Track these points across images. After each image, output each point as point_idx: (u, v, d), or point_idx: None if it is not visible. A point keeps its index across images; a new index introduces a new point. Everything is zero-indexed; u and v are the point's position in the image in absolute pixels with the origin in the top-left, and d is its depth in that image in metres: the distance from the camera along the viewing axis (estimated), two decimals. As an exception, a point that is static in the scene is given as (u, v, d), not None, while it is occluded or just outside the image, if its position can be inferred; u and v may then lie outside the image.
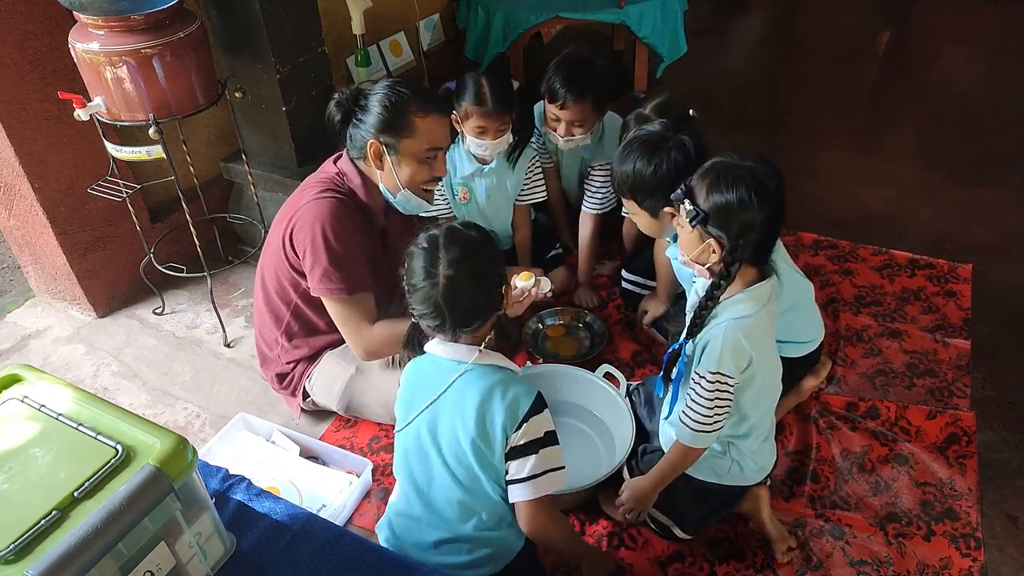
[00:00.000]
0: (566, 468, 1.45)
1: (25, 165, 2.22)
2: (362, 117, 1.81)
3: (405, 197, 1.88)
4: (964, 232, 2.83)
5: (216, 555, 1.35)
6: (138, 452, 1.21)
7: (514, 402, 1.38)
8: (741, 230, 1.42)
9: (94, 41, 1.94)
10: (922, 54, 4.36)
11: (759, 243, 1.46)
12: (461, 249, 1.37)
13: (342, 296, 1.82)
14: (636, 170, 1.79)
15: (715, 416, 1.53)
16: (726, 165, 1.46)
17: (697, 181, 1.48)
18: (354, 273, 1.82)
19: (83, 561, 1.08)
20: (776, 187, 1.44)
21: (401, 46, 3.63)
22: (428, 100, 1.82)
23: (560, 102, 2.30)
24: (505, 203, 2.51)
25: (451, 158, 2.39)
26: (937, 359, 2.28)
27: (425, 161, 1.84)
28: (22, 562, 1.06)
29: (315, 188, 1.86)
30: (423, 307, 1.39)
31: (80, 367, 2.40)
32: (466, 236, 1.41)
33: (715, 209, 1.43)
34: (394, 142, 1.80)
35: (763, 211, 1.41)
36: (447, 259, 1.36)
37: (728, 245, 1.44)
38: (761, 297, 1.50)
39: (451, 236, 1.40)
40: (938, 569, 1.74)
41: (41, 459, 1.20)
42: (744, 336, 1.48)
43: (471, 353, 1.41)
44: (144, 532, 1.17)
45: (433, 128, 1.82)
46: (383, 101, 1.78)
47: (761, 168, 1.44)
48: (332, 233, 1.79)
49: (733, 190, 1.42)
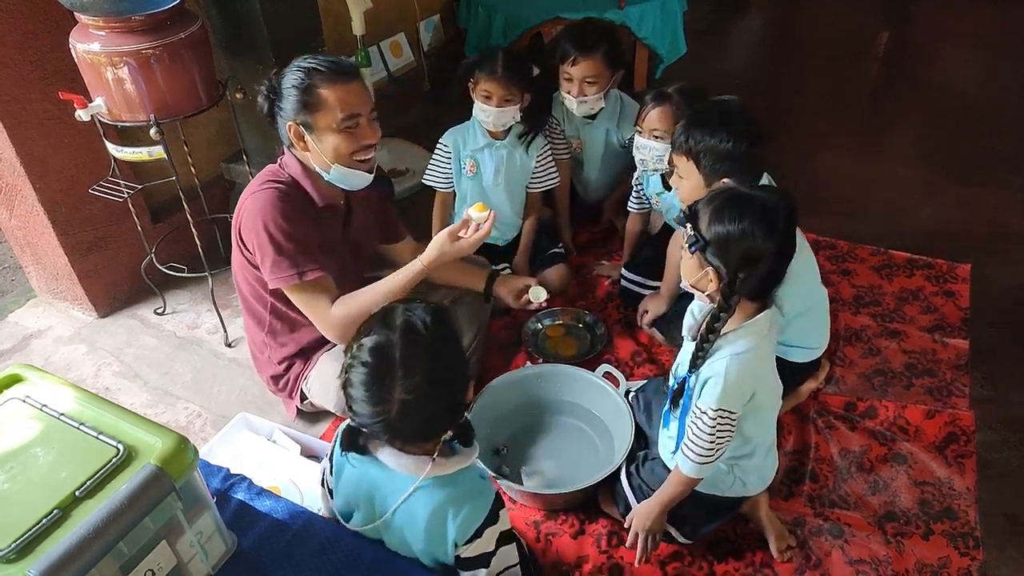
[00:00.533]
0: (566, 470, 1.44)
1: (26, 165, 2.23)
2: (280, 104, 1.77)
3: (339, 172, 1.82)
4: (963, 232, 2.84)
5: (217, 554, 1.36)
6: (139, 452, 1.22)
7: (466, 521, 1.29)
8: (742, 263, 1.37)
9: (95, 42, 1.94)
10: (922, 54, 4.36)
11: (762, 278, 1.41)
12: (421, 369, 1.18)
13: (295, 282, 1.78)
14: (713, 137, 1.76)
15: (717, 448, 1.52)
16: (735, 193, 1.41)
17: (703, 206, 1.42)
18: (302, 257, 1.77)
19: (84, 560, 1.09)
20: (786, 221, 1.37)
21: (401, 46, 3.64)
22: (333, 70, 1.75)
23: (571, 58, 2.37)
24: (514, 185, 2.51)
25: (463, 131, 2.44)
26: (936, 359, 2.29)
27: (345, 131, 1.77)
28: (23, 561, 1.07)
29: (255, 184, 1.84)
30: (370, 425, 1.23)
31: (81, 367, 2.41)
32: (428, 343, 1.20)
33: (716, 238, 1.38)
34: (309, 120, 1.75)
35: (768, 246, 1.36)
36: (404, 384, 1.17)
37: (727, 278, 1.39)
38: (760, 330, 1.47)
39: (409, 347, 1.18)
40: (936, 568, 1.75)
41: (42, 458, 1.21)
42: (747, 372, 1.46)
43: (421, 466, 1.26)
44: (145, 531, 1.18)
45: (344, 96, 1.75)
46: (291, 83, 1.74)
47: (772, 200, 1.39)
48: (272, 223, 1.75)
49: (737, 221, 1.36)
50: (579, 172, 2.77)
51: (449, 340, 1.26)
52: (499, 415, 2.05)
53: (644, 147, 2.20)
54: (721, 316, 1.42)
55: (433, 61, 3.77)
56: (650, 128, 2.17)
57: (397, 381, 1.18)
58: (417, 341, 1.20)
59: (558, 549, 1.81)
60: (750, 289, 1.41)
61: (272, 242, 1.76)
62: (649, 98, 2.18)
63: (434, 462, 1.26)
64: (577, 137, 2.66)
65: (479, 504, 1.31)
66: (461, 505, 1.29)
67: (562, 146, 2.64)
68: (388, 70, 3.57)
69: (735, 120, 1.78)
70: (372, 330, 1.22)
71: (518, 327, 2.42)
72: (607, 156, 2.68)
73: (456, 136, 2.45)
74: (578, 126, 2.63)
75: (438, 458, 1.27)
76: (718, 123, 1.77)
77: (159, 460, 1.19)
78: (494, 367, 2.28)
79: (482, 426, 1.96)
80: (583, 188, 2.85)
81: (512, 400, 2.09)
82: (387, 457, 1.29)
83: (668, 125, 2.12)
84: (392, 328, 1.21)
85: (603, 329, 2.40)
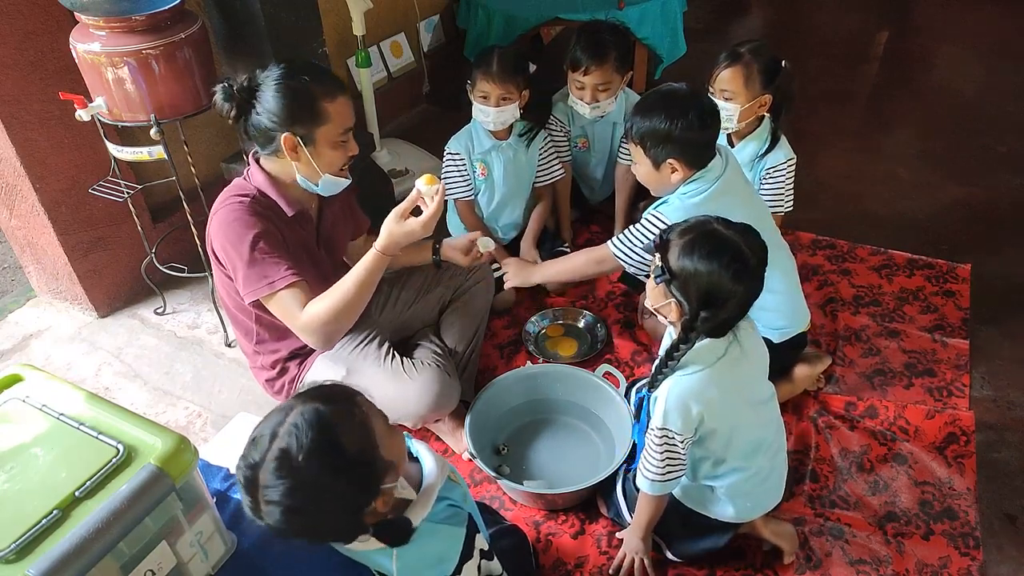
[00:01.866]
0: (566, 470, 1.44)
1: (26, 165, 2.23)
2: (262, 111, 1.71)
3: (328, 182, 1.80)
4: (963, 232, 2.84)
5: (217, 554, 1.36)
6: (139, 452, 1.22)
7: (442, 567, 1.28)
8: (705, 303, 1.37)
9: (95, 42, 1.94)
10: (921, 54, 4.36)
11: (724, 319, 1.42)
12: (287, 491, 1.08)
13: (268, 292, 1.74)
14: (652, 120, 1.80)
15: (668, 468, 1.53)
16: (708, 231, 1.39)
17: (675, 237, 1.41)
18: (272, 267, 1.72)
19: (84, 560, 1.09)
20: (757, 265, 1.38)
21: (402, 47, 3.64)
22: (330, 83, 1.74)
23: (583, 68, 2.39)
24: (521, 183, 2.53)
25: (468, 134, 2.45)
26: (936, 359, 2.29)
27: (340, 145, 1.77)
28: (23, 561, 1.07)
29: (221, 199, 1.80)
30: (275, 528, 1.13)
31: (81, 367, 2.41)
32: (296, 470, 1.08)
33: (683, 274, 1.37)
34: (309, 132, 1.71)
35: (735, 289, 1.36)
36: (268, 509, 1.09)
37: (688, 314, 1.39)
38: (707, 358, 1.46)
39: (275, 472, 1.08)
40: (937, 568, 1.75)
41: (42, 459, 1.21)
42: (689, 394, 1.46)
43: (385, 552, 1.21)
44: (145, 531, 1.18)
45: (343, 110, 1.74)
46: (286, 92, 1.68)
47: (746, 242, 1.38)
48: (238, 236, 1.72)
49: (706, 260, 1.35)
50: (584, 172, 2.78)
51: (334, 463, 1.11)
52: (499, 415, 2.05)
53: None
54: (680, 347, 1.43)
55: (433, 61, 3.77)
56: (720, 88, 2.17)
57: (261, 504, 1.10)
58: (285, 464, 1.09)
59: (558, 549, 1.81)
60: (710, 328, 1.42)
61: (240, 256, 1.72)
62: (722, 57, 2.18)
63: (397, 549, 1.20)
64: (584, 136, 2.67)
65: (449, 550, 1.28)
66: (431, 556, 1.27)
67: (564, 147, 2.65)
68: (388, 70, 3.58)
69: (676, 103, 1.80)
70: (254, 440, 1.15)
71: (518, 327, 2.42)
72: (615, 152, 2.69)
73: (462, 141, 2.45)
74: (584, 126, 2.64)
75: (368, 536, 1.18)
76: (659, 107, 1.81)
77: (159, 460, 1.19)
78: (494, 367, 2.29)
79: (482, 426, 1.97)
80: (589, 189, 2.85)
81: (512, 400, 2.09)
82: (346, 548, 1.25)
83: (739, 85, 2.14)
84: (267, 445, 1.12)
85: (603, 329, 2.40)
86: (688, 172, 1.84)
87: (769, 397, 1.64)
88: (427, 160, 3.11)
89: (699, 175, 1.84)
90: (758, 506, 1.67)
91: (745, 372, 1.54)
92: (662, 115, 1.79)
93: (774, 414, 1.67)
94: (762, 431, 1.62)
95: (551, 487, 1.89)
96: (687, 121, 1.78)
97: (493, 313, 2.38)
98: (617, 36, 2.44)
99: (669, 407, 1.47)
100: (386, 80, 3.56)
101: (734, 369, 1.50)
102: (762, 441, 1.62)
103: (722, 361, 1.47)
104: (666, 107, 1.80)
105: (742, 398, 1.55)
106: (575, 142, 2.67)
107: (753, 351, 1.55)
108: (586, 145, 2.68)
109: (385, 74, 3.56)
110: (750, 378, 1.58)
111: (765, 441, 1.63)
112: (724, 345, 1.48)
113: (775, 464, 1.67)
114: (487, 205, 2.53)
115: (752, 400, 1.59)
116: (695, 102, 1.82)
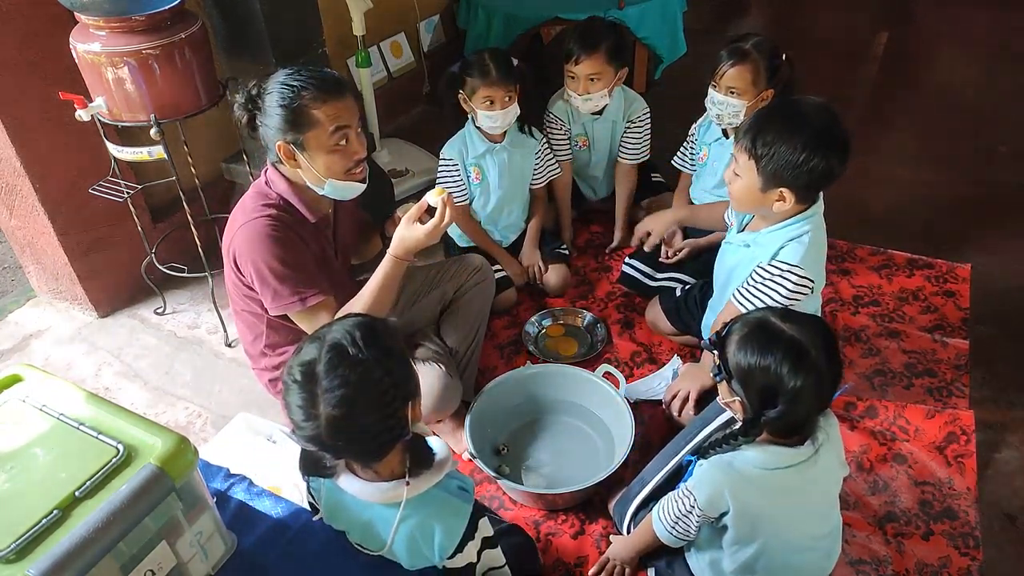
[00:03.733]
0: (566, 470, 1.44)
1: (26, 165, 2.23)
2: (263, 120, 1.71)
3: (334, 186, 1.78)
4: (963, 232, 2.84)
5: (217, 554, 1.36)
6: (139, 452, 1.22)
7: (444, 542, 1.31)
8: (766, 400, 1.27)
9: (95, 42, 1.94)
10: (921, 54, 4.36)
11: (790, 415, 1.28)
12: (344, 382, 1.17)
13: (297, 308, 1.77)
14: (787, 141, 1.61)
15: (677, 527, 1.47)
16: (762, 324, 1.30)
17: (736, 330, 1.33)
18: (302, 284, 1.75)
19: (84, 560, 1.09)
20: (824, 356, 1.25)
21: (401, 47, 3.64)
22: (322, 87, 1.69)
23: (575, 57, 2.41)
24: (518, 184, 2.54)
25: (462, 140, 2.45)
26: (936, 359, 2.29)
27: (337, 148, 1.73)
28: (23, 561, 1.07)
29: (247, 206, 1.79)
30: (310, 445, 1.23)
31: (81, 367, 2.41)
32: (352, 359, 1.19)
33: (739, 370, 1.29)
34: (300, 139, 1.69)
35: (794, 384, 1.24)
36: (327, 398, 1.17)
37: (750, 413, 1.30)
38: (768, 460, 1.34)
39: (332, 363, 1.18)
40: (937, 568, 1.75)
41: (42, 459, 1.21)
42: (726, 481, 1.36)
43: (397, 491, 1.26)
44: (145, 531, 1.18)
45: (333, 113, 1.69)
46: (279, 101, 1.67)
47: (804, 333, 1.27)
48: (268, 255, 1.72)
49: (760, 356, 1.26)
50: (584, 171, 2.78)
51: (381, 354, 1.21)
52: (499, 415, 2.05)
53: (721, 103, 2.19)
54: (740, 438, 1.33)
55: (433, 61, 3.77)
56: (727, 85, 2.16)
57: (320, 396, 1.17)
58: (342, 354, 1.19)
59: (558, 549, 1.81)
60: (778, 427, 1.31)
61: (272, 272, 1.73)
62: (726, 55, 2.16)
63: (408, 485, 1.26)
64: (584, 135, 2.67)
65: (454, 524, 1.31)
66: (436, 527, 1.30)
67: (564, 146, 2.65)
68: (388, 70, 3.58)
69: (823, 132, 1.62)
70: (302, 349, 1.23)
71: (518, 327, 2.42)
72: (615, 150, 2.69)
73: (456, 147, 2.45)
74: (584, 124, 2.64)
75: (412, 480, 1.26)
76: (800, 130, 1.62)
77: (159, 460, 1.19)
78: (494, 367, 2.29)
79: (482, 426, 1.97)
80: (589, 188, 2.85)
81: (512, 400, 2.08)
82: (354, 486, 1.30)
83: (747, 82, 2.14)
84: (320, 344, 1.21)
85: (603, 329, 2.40)
86: (797, 208, 1.71)
87: (826, 535, 1.47)
88: (427, 160, 3.11)
89: (807, 213, 1.71)
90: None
91: (809, 497, 1.41)
92: (802, 140, 1.60)
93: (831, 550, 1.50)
94: (801, 558, 1.45)
95: (551, 487, 1.89)
96: (830, 156, 1.61)
97: (493, 313, 2.38)
98: (610, 30, 2.46)
99: (701, 478, 1.40)
100: (386, 80, 3.56)
101: (796, 484, 1.37)
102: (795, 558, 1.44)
103: (783, 472, 1.35)
104: (810, 133, 1.61)
105: (789, 518, 1.41)
106: (575, 141, 2.67)
107: (827, 475, 1.42)
108: (586, 144, 2.68)
109: (385, 74, 3.56)
110: (812, 503, 1.43)
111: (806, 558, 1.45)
112: (792, 458, 1.34)
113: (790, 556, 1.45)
114: (484, 208, 2.53)
115: (803, 529, 1.44)
116: (839, 133, 1.64)
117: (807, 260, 1.73)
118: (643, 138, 2.65)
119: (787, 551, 1.43)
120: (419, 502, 1.29)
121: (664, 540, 1.54)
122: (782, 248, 1.75)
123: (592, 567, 1.73)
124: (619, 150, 2.67)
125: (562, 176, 2.64)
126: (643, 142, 2.65)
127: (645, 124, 2.64)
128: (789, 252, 1.74)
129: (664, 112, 2.86)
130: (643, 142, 2.65)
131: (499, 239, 2.61)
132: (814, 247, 1.75)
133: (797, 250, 1.73)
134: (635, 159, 2.66)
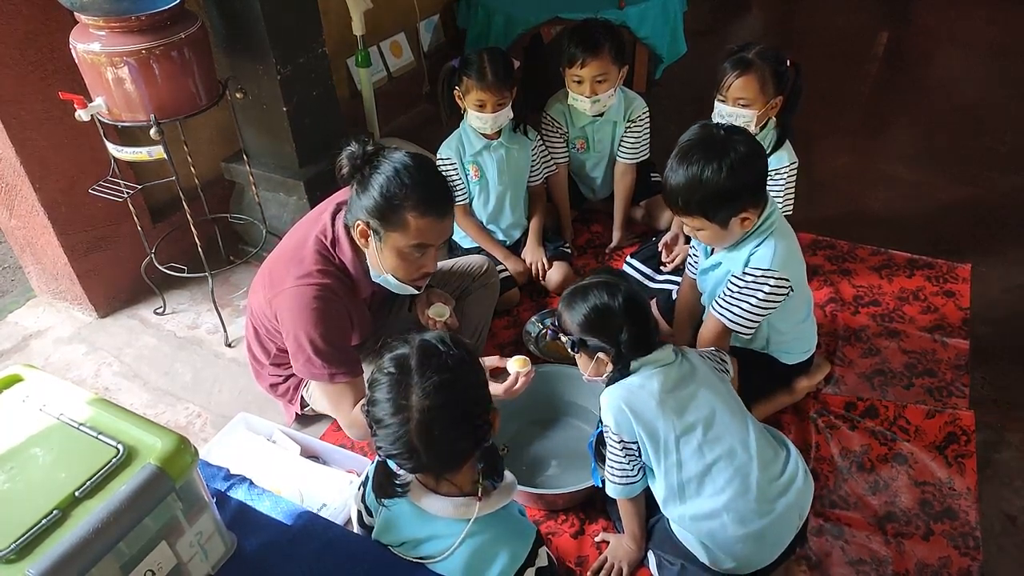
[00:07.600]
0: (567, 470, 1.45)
1: (26, 165, 2.23)
2: (360, 189, 1.68)
3: (389, 283, 1.79)
4: (963, 232, 2.84)
5: (217, 555, 1.36)
6: (139, 452, 1.21)
7: (508, 566, 1.29)
8: (612, 332, 1.51)
9: (95, 42, 1.94)
10: (921, 54, 4.37)
11: (636, 335, 1.52)
12: (438, 372, 1.18)
13: (325, 382, 1.78)
14: (705, 178, 1.65)
15: (624, 469, 1.58)
16: (571, 292, 1.58)
17: (561, 313, 1.59)
18: (336, 362, 1.75)
19: (84, 560, 1.09)
20: (620, 284, 1.55)
21: (401, 47, 3.64)
22: (429, 200, 1.66)
23: (580, 61, 2.40)
24: (517, 181, 2.54)
25: (458, 138, 2.46)
26: (936, 359, 2.29)
27: (409, 257, 1.72)
28: (23, 562, 1.07)
29: (304, 260, 1.76)
30: (393, 447, 1.22)
31: (81, 367, 2.41)
32: (444, 354, 1.20)
33: (582, 326, 1.53)
34: (381, 230, 1.68)
35: (617, 304, 1.51)
36: (422, 388, 1.17)
37: (613, 349, 1.52)
38: (643, 371, 1.55)
39: (425, 356, 1.19)
40: (937, 568, 1.75)
41: (42, 459, 1.20)
42: (621, 396, 1.53)
43: (463, 509, 1.27)
44: (145, 531, 1.18)
45: (425, 229, 1.68)
46: (384, 186, 1.64)
47: (602, 279, 1.57)
48: (312, 328, 1.72)
49: (585, 302, 1.53)
50: (583, 172, 2.78)
51: (468, 361, 1.26)
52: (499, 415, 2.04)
53: (731, 115, 2.17)
54: (619, 374, 1.55)
55: (433, 61, 3.77)
56: (735, 96, 2.16)
57: (413, 386, 1.19)
58: (432, 352, 1.22)
59: (558, 549, 1.81)
60: (636, 347, 1.53)
61: (311, 346, 1.73)
62: (729, 67, 2.15)
63: (481, 502, 1.27)
64: (583, 138, 2.66)
65: (520, 547, 1.30)
66: (503, 548, 1.29)
67: (561, 149, 2.65)
68: (388, 70, 3.58)
69: (719, 151, 1.67)
70: (391, 348, 1.26)
71: (519, 327, 2.42)
72: (615, 151, 2.69)
73: (453, 146, 2.46)
74: (584, 127, 2.63)
75: (484, 497, 1.28)
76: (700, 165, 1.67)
77: (159, 460, 1.19)
78: (494, 367, 2.29)
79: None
80: (589, 189, 2.85)
81: (512, 400, 2.08)
82: (429, 502, 1.29)
83: (755, 91, 2.14)
84: (409, 344, 1.25)
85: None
86: (755, 215, 1.73)
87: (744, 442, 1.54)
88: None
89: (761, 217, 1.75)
90: (743, 561, 1.55)
91: (697, 387, 1.57)
92: (715, 166, 1.64)
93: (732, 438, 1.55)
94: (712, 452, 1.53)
95: (551, 487, 1.89)
96: (746, 164, 1.65)
97: (494, 314, 2.38)
98: (608, 30, 2.45)
99: (603, 406, 1.56)
100: (386, 80, 3.56)
101: (676, 377, 1.56)
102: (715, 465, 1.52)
103: (662, 370, 1.55)
104: (712, 154, 1.65)
105: (686, 410, 1.54)
106: (573, 143, 2.67)
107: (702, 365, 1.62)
108: (584, 147, 2.68)
109: (385, 74, 3.56)
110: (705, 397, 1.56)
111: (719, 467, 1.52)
112: (659, 358, 1.56)
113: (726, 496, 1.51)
114: (485, 207, 2.53)
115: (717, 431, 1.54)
116: (739, 138, 1.68)
117: (778, 261, 1.76)
118: (642, 138, 2.64)
119: (712, 445, 1.53)
120: (488, 521, 1.29)
121: (617, 494, 1.62)
122: (752, 255, 1.79)
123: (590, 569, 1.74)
124: (618, 150, 2.67)
125: (558, 174, 2.65)
126: (642, 142, 2.65)
127: (645, 124, 2.63)
128: (759, 257, 1.78)
129: (664, 112, 2.86)
130: (642, 142, 2.65)
131: (503, 239, 2.61)
132: (782, 246, 1.77)
133: (766, 254, 1.77)
134: (634, 159, 2.66)
